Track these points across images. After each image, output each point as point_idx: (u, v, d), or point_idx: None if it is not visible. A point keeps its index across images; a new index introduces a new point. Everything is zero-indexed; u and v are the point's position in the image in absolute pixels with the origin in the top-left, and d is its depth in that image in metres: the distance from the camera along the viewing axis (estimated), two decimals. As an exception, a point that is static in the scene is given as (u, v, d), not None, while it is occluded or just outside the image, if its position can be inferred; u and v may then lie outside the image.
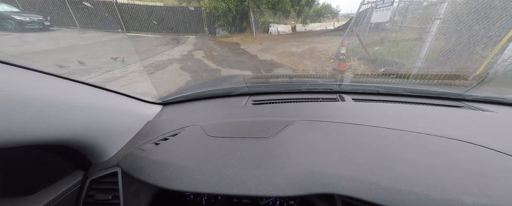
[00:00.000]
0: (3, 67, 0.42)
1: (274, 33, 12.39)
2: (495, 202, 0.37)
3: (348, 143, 0.56)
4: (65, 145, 0.53)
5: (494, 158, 0.49)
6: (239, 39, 10.43)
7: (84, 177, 0.62)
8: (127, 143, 0.72)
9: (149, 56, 6.08)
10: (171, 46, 7.98)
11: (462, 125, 0.66)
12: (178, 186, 0.48)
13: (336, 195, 0.44)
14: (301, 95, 1.04)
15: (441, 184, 0.41)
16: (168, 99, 1.04)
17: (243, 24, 11.62)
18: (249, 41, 9.78)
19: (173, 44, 8.49)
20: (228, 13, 10.31)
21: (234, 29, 11.64)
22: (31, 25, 8.48)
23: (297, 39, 10.02)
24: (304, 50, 7.34)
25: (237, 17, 11.00)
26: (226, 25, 11.21)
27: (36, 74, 0.48)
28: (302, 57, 6.24)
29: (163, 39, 9.73)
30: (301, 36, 12.01)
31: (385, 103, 0.91)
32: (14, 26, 8.11)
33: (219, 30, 11.32)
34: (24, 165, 0.51)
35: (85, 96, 0.57)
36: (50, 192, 0.54)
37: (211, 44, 9.01)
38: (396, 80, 1.62)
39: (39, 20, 8.74)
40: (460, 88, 1.15)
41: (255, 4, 10.61)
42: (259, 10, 11.02)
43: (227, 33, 11.11)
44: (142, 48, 7.29)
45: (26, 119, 0.40)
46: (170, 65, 5.17)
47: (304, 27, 17.11)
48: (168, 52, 6.91)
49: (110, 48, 6.92)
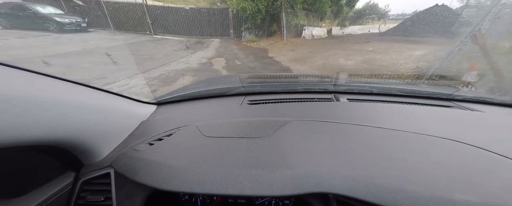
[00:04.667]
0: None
1: (307, 37, 10.71)
2: (485, 199, 0.38)
3: (343, 143, 0.56)
4: (56, 146, 0.52)
5: (483, 156, 0.50)
6: (267, 44, 9.14)
7: (76, 178, 0.61)
8: (120, 144, 0.70)
9: (163, 64, 5.29)
10: (191, 51, 7.21)
11: (452, 124, 0.68)
12: (172, 186, 0.47)
13: (330, 194, 0.44)
14: (296, 95, 1.03)
15: (432, 182, 0.42)
16: (163, 99, 1.02)
17: (272, 27, 10.27)
18: (278, 47, 8.40)
19: (194, 49, 7.74)
20: (257, 14, 9.12)
21: (262, 32, 10.41)
22: (69, 26, 8.93)
23: (340, 46, 8.22)
24: (357, 63, 5.61)
25: (266, 19, 9.74)
26: (253, 28, 10.06)
27: (26, 73, 0.47)
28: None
29: (187, 43, 9.17)
30: (342, 41, 10.07)
31: (378, 103, 0.92)
32: (55, 27, 8.61)
33: (245, 33, 10.25)
34: (14, 166, 0.50)
35: (77, 96, 0.57)
36: (40, 193, 0.53)
37: (235, 50, 7.95)
38: (390, 81, 1.46)
39: (76, 22, 9.18)
40: (451, 88, 1.18)
41: (289, 4, 9.13)
42: (293, 11, 9.51)
43: (253, 36, 9.94)
44: (160, 53, 6.66)
45: (15, 119, 0.39)
46: (181, 79, 4.21)
47: (341, 31, 14.91)
48: (185, 59, 6.08)
49: (127, 52, 6.48)
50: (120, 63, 5.02)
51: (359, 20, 16.88)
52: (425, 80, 1.55)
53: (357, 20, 16.78)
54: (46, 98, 0.46)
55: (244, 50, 7.90)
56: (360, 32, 15.37)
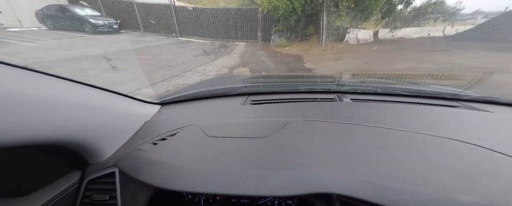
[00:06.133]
0: (0, 68, 0.41)
1: (351, 41, 8.76)
2: (491, 201, 0.37)
3: (346, 143, 0.55)
4: (62, 145, 0.52)
5: (491, 157, 0.48)
6: (301, 50, 7.62)
7: (81, 177, 0.61)
8: (124, 143, 0.70)
9: (176, 74, 4.40)
10: (212, 58, 6.27)
11: (458, 125, 0.66)
12: (176, 186, 0.47)
13: (334, 194, 0.43)
14: (299, 95, 1.02)
15: (437, 183, 0.41)
16: (166, 99, 1.02)
17: (307, 29, 8.65)
18: (317, 55, 6.80)
19: (216, 54, 6.80)
20: (292, 14, 7.68)
21: (295, 35, 8.90)
22: (102, 28, 9.12)
23: (406, 55, 6.05)
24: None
25: (301, 20, 8.21)
26: (284, 31, 8.65)
27: (33, 74, 0.47)
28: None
29: (210, 46, 8.35)
30: (402, 48, 7.79)
31: (383, 103, 0.90)
32: (90, 28, 8.85)
33: (275, 36, 8.91)
34: (21, 165, 0.50)
35: (83, 96, 0.57)
36: (46, 192, 0.53)
37: (263, 56, 6.71)
38: (394, 80, 1.45)
39: (109, 24, 9.34)
40: (457, 88, 1.12)
41: (333, 1, 7.39)
42: (337, 10, 7.74)
43: (284, 40, 8.51)
44: (178, 59, 5.87)
45: (23, 119, 0.40)
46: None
47: (391, 34, 12.28)
48: (203, 67, 5.11)
49: (146, 56, 5.87)
50: (129, 71, 4.31)
51: (414, 21, 13.74)
52: (430, 80, 1.41)
53: (412, 21, 13.67)
54: (53, 99, 0.46)
55: (273, 57, 6.59)
56: (417, 35, 12.48)
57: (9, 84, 0.38)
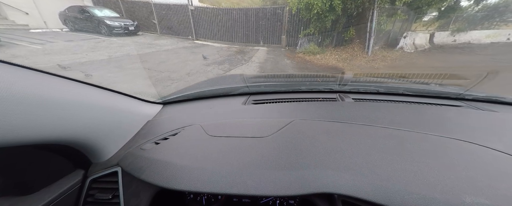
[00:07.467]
0: (3, 67, 0.42)
1: (408, 49, 6.69)
2: (496, 201, 0.37)
3: (348, 143, 0.55)
4: (66, 144, 0.53)
5: (495, 157, 0.48)
6: (339, 59, 5.91)
7: (84, 176, 0.62)
8: (127, 143, 0.72)
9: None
10: (225, 68, 5.04)
11: (462, 124, 0.66)
12: (178, 185, 0.48)
13: (336, 194, 0.44)
14: (301, 95, 1.03)
15: (441, 184, 0.41)
16: (168, 99, 1.03)
17: (347, 33, 6.84)
18: (363, 67, 5.07)
19: (231, 63, 5.56)
20: (328, 14, 6.04)
21: (329, 40, 7.18)
22: (117, 30, 8.71)
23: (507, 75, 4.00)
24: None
25: (340, 21, 6.49)
26: (316, 34, 7.01)
27: (37, 74, 0.48)
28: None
29: (226, 52, 7.19)
30: (489, 61, 5.49)
31: (385, 103, 0.91)
32: (105, 30, 8.46)
33: (303, 41, 7.32)
34: (24, 164, 0.51)
35: (86, 95, 0.57)
36: (50, 191, 0.54)
37: (288, 67, 5.25)
38: (397, 80, 1.43)
39: (125, 25, 8.91)
40: (460, 87, 1.11)
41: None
42: (392, 7, 5.83)
43: (315, 46, 6.86)
44: (185, 69, 4.78)
45: (26, 118, 0.40)
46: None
47: (452, 37, 9.64)
48: (211, 84, 3.86)
49: (149, 64, 4.90)
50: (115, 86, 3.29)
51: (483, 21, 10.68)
52: (433, 79, 1.36)
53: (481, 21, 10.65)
54: (57, 99, 0.47)
55: (303, 69, 5.06)
56: (490, 40, 9.61)
57: (15, 84, 0.39)
